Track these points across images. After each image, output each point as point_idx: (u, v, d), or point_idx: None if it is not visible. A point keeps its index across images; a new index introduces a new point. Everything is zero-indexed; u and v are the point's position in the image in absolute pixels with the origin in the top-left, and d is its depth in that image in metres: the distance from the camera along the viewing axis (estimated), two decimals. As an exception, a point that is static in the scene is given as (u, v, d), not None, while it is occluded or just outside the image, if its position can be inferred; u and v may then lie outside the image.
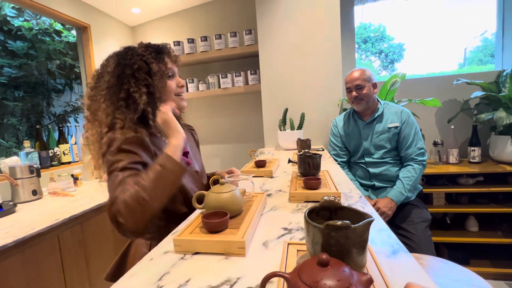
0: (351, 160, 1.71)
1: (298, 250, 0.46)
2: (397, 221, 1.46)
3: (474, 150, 1.94)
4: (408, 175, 1.47)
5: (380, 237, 0.56)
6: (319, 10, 1.98)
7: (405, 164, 1.54)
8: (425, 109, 2.08)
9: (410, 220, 1.43)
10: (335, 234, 0.35)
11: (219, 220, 0.56)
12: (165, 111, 0.80)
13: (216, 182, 0.75)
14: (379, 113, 1.58)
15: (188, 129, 1.10)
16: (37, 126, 1.88)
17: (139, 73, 0.79)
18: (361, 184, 1.63)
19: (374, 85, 1.56)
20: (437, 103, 1.80)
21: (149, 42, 0.87)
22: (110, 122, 0.76)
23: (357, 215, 0.40)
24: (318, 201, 0.79)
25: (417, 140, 1.51)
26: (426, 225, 1.42)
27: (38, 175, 1.51)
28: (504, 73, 1.88)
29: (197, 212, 0.75)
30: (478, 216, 1.89)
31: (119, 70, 0.79)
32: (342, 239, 0.35)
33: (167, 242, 0.59)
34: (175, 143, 0.74)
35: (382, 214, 1.42)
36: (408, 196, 1.47)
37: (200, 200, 0.69)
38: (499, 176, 1.86)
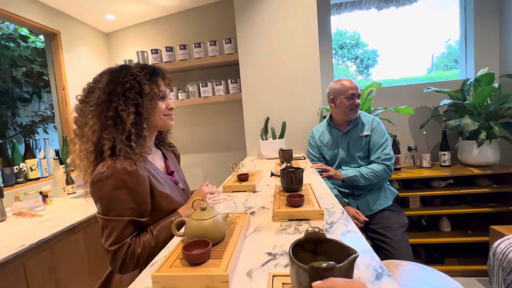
0: None
1: (283, 283, 0.45)
2: (376, 227, 1.50)
3: (445, 154, 2.06)
4: (369, 168, 1.54)
5: (364, 260, 0.56)
6: (298, 19, 2.01)
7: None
8: (400, 116, 2.18)
9: (388, 226, 1.47)
10: (320, 275, 0.35)
11: (201, 251, 0.53)
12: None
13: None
14: (355, 122, 1.64)
15: (169, 147, 1.10)
16: (0, 141, 1.73)
17: (130, 92, 0.78)
18: (341, 192, 1.67)
19: None
20: (409, 111, 1.89)
21: (146, 64, 0.88)
22: (96, 140, 0.75)
23: (342, 249, 0.40)
24: (301, 219, 0.80)
25: (385, 147, 1.55)
26: (404, 230, 1.47)
27: (1, 195, 1.39)
28: (468, 82, 2.01)
29: (177, 240, 0.72)
30: (450, 217, 2.00)
31: (110, 87, 0.78)
32: (327, 279, 0.35)
33: (145, 277, 0.56)
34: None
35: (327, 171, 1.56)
36: (357, 179, 1.52)
37: (180, 226, 0.66)
38: (467, 179, 1.99)
